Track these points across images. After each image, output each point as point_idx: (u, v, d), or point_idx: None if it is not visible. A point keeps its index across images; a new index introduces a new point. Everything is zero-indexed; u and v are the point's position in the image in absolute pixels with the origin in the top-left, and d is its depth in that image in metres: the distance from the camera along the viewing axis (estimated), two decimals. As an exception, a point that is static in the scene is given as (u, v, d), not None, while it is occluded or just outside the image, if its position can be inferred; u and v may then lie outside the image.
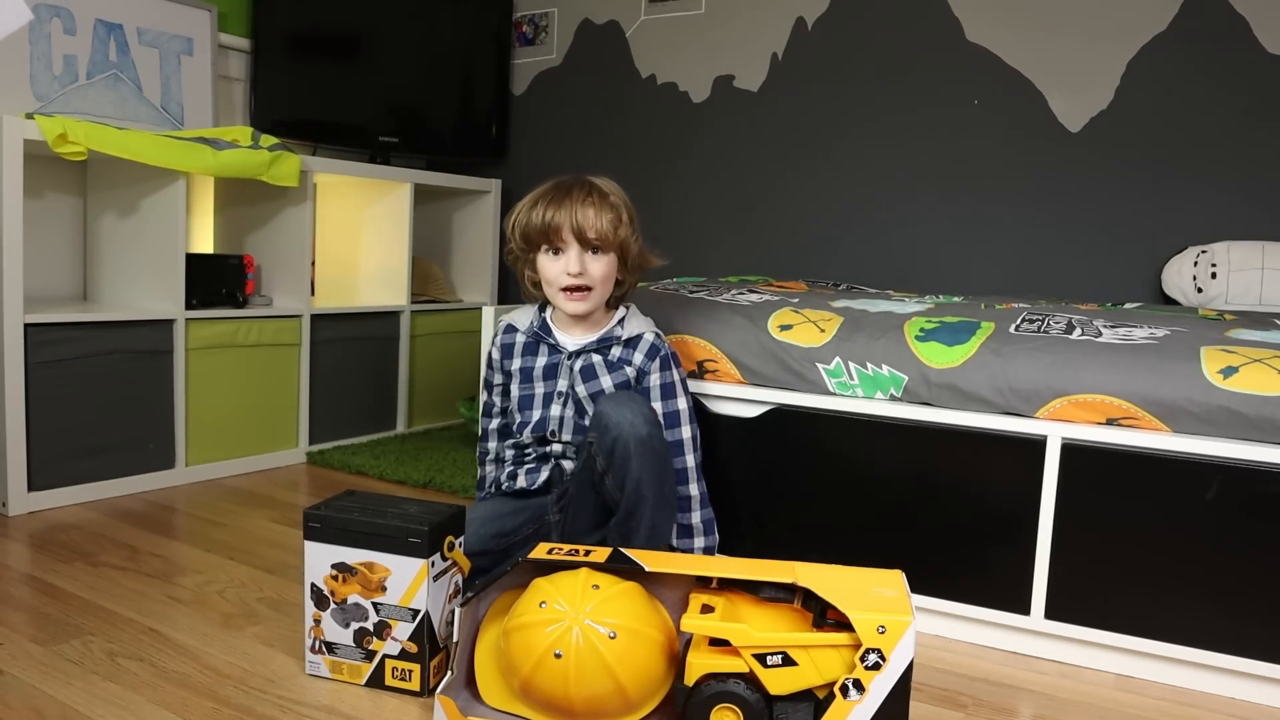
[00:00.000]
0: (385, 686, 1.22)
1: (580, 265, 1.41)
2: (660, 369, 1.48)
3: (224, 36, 2.60)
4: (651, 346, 1.48)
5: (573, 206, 1.40)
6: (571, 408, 1.47)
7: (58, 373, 1.94)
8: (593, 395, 1.46)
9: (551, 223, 1.41)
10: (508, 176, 3.15)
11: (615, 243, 1.43)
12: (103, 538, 1.78)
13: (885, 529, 1.50)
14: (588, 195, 1.42)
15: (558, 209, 1.41)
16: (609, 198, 1.43)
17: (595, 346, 1.48)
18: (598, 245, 1.42)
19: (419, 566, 1.18)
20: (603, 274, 1.43)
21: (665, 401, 1.48)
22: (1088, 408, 1.38)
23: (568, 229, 1.40)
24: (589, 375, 1.47)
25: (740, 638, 1.05)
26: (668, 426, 1.46)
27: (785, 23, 2.65)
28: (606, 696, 1.07)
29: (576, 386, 1.47)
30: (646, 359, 1.48)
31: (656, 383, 1.48)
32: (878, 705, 1.02)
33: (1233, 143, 2.10)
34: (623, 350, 1.48)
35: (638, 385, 1.47)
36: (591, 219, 1.40)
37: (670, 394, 1.48)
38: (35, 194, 2.17)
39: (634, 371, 1.47)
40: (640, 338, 1.49)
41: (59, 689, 1.18)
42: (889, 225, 2.53)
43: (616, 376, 1.47)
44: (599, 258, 1.43)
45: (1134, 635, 1.35)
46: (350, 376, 2.60)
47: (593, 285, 1.43)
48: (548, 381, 1.49)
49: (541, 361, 1.51)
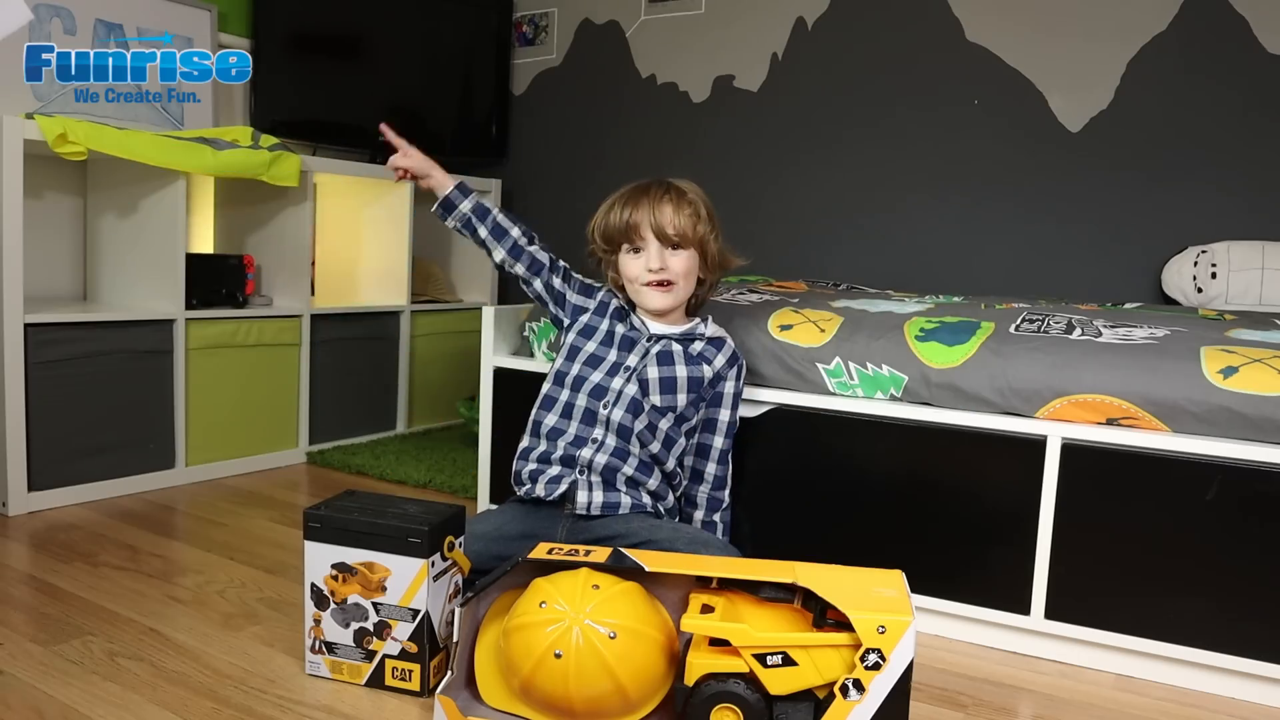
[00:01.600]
0: (385, 686, 1.22)
1: (661, 260, 1.42)
2: (737, 377, 1.50)
3: (224, 36, 2.60)
4: (734, 353, 1.50)
5: (651, 204, 1.42)
6: (635, 385, 1.44)
7: (58, 373, 1.94)
8: (664, 379, 1.44)
9: (630, 221, 1.43)
10: (508, 176, 3.15)
11: (695, 239, 1.44)
12: (103, 538, 1.78)
13: (885, 529, 1.50)
14: (665, 193, 1.44)
15: (635, 207, 1.43)
16: (686, 195, 1.45)
17: (678, 336, 1.48)
18: (677, 241, 1.43)
19: (419, 566, 1.18)
20: (684, 269, 1.44)
21: (733, 410, 1.51)
22: (1088, 408, 1.38)
23: (646, 226, 1.42)
24: (665, 360, 1.46)
25: (740, 638, 1.05)
26: (725, 434, 1.51)
27: (785, 23, 2.65)
28: (606, 696, 1.07)
29: (649, 367, 1.45)
30: (728, 365, 1.49)
31: (732, 390, 1.50)
32: (878, 705, 1.02)
33: (1233, 143, 2.10)
34: (705, 346, 1.48)
35: (712, 387, 1.48)
36: (670, 215, 1.42)
37: (737, 404, 1.52)
38: (35, 194, 2.17)
39: (711, 372, 1.47)
40: (724, 341, 1.50)
41: (59, 689, 1.18)
42: (889, 225, 2.53)
43: (693, 369, 1.46)
44: (679, 253, 1.44)
45: (1134, 635, 1.35)
46: (350, 376, 2.60)
47: (675, 280, 1.44)
48: (620, 352, 1.47)
49: (621, 330, 1.49)
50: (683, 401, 1.45)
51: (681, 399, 1.45)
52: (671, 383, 1.44)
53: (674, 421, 1.45)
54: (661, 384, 1.44)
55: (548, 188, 3.10)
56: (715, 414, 1.50)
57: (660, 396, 1.44)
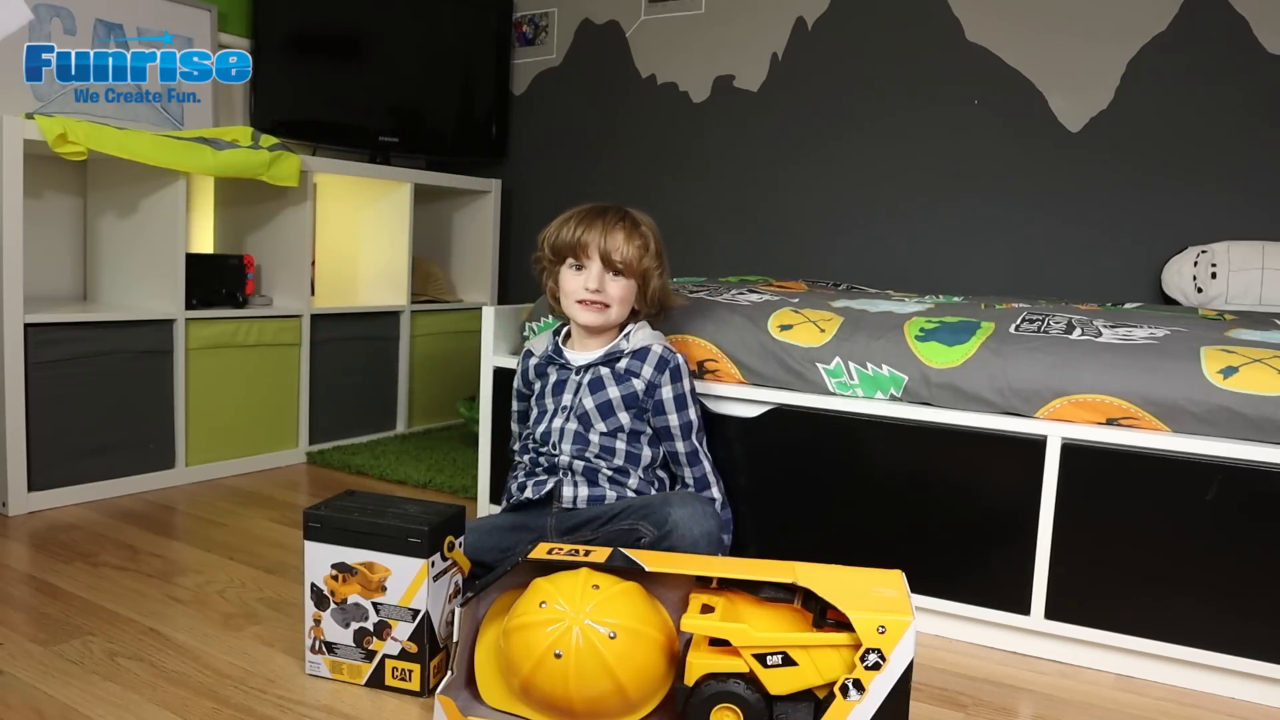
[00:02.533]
0: (385, 686, 1.22)
1: (600, 283, 1.45)
2: (671, 380, 1.49)
3: (224, 36, 2.60)
4: (660, 359, 1.49)
5: (604, 228, 1.46)
6: (575, 421, 1.48)
7: (58, 373, 1.94)
8: (599, 406, 1.48)
9: (580, 239, 1.46)
10: (508, 176, 3.15)
11: (638, 270, 1.47)
12: (103, 538, 1.78)
13: (885, 529, 1.50)
14: (620, 220, 1.48)
15: (589, 228, 1.46)
16: (640, 227, 1.49)
17: (602, 360, 1.50)
18: (620, 269, 1.46)
19: (419, 566, 1.18)
20: (620, 295, 1.47)
21: (679, 413, 1.50)
22: (1088, 408, 1.38)
23: (595, 247, 1.46)
24: (596, 387, 1.49)
25: (741, 638, 1.05)
26: (682, 437, 1.50)
27: (785, 23, 2.64)
28: (606, 696, 1.07)
29: (584, 399, 1.48)
30: (656, 372, 1.48)
31: (669, 395, 1.49)
32: (878, 705, 1.02)
33: (1233, 143, 2.10)
34: (629, 362, 1.49)
35: (649, 398, 1.48)
36: (619, 242, 1.46)
37: (682, 405, 1.50)
38: (35, 194, 2.17)
39: (643, 384, 1.48)
40: (648, 350, 1.50)
41: (59, 689, 1.18)
42: (889, 225, 2.53)
43: (624, 388, 1.48)
44: (619, 280, 1.47)
45: (1134, 635, 1.35)
46: (350, 376, 2.60)
47: (610, 304, 1.47)
48: (556, 397, 1.52)
49: (552, 379, 1.54)
50: (626, 420, 1.48)
51: (624, 417, 1.48)
52: (608, 405, 1.48)
53: (627, 439, 1.48)
54: (600, 410, 1.48)
55: (547, 188, 3.10)
56: (664, 421, 1.50)
57: (603, 422, 1.48)
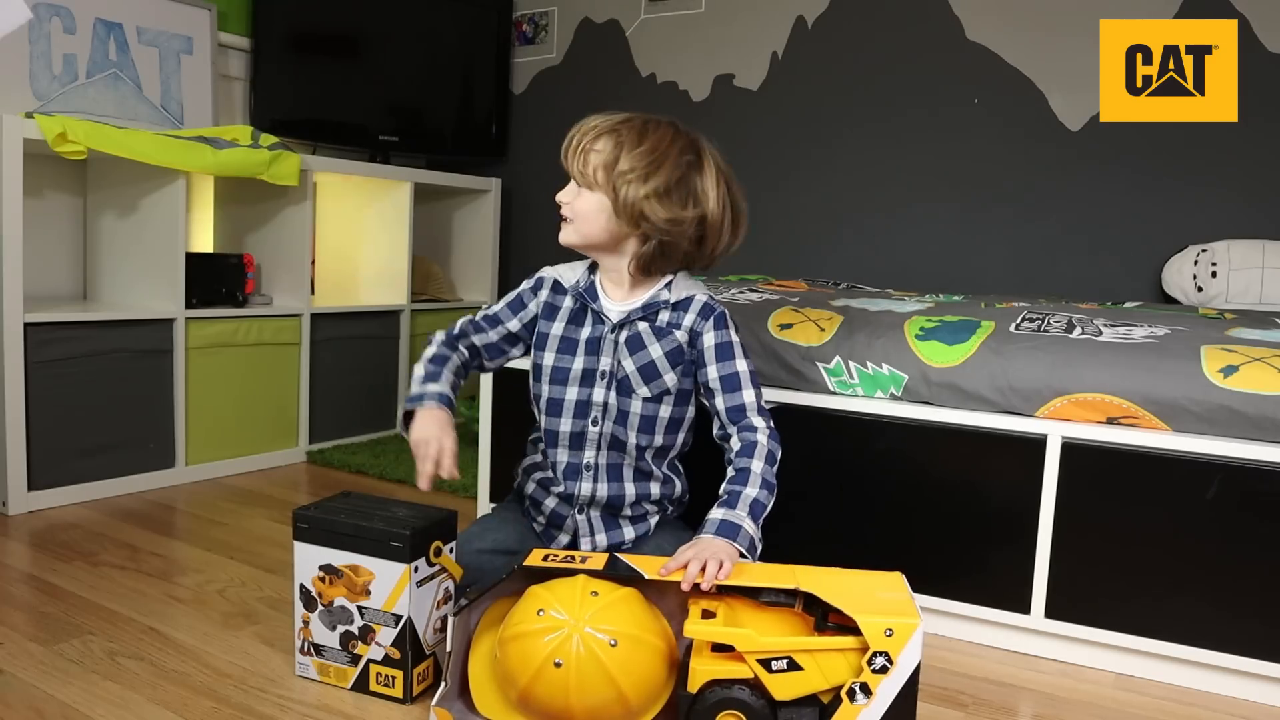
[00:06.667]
0: (369, 691, 1.20)
1: (570, 195, 1.29)
2: (715, 327, 1.32)
3: (224, 35, 2.60)
4: (705, 306, 1.33)
5: (583, 134, 1.27)
6: (615, 391, 1.32)
7: (58, 372, 1.94)
8: (642, 368, 1.31)
9: (565, 145, 1.29)
10: (508, 176, 3.15)
11: (605, 183, 1.24)
12: (103, 537, 1.78)
13: (885, 529, 1.50)
14: (615, 127, 1.26)
15: (578, 128, 1.28)
16: (620, 134, 1.25)
17: (641, 314, 1.32)
18: (580, 180, 1.27)
19: (401, 571, 1.15)
20: (583, 210, 1.28)
21: (721, 364, 1.31)
22: (1088, 407, 1.38)
23: (569, 154, 1.28)
24: (635, 346, 1.32)
25: (746, 643, 1.04)
26: (727, 390, 1.31)
27: (785, 22, 2.64)
28: (608, 705, 1.05)
29: (623, 360, 1.32)
30: (699, 318, 1.32)
31: (711, 343, 1.31)
32: (885, 709, 1.01)
33: (1233, 143, 2.10)
34: (671, 314, 1.32)
35: (691, 348, 1.32)
36: (586, 147, 1.26)
37: (728, 354, 1.31)
38: (35, 194, 2.16)
39: (685, 335, 1.32)
40: (691, 299, 1.33)
41: (59, 688, 1.18)
42: (889, 224, 2.53)
43: (666, 343, 1.31)
44: (583, 193, 1.28)
45: (1134, 635, 1.35)
46: (350, 376, 2.60)
47: (569, 217, 1.30)
48: (588, 357, 1.33)
49: (585, 333, 1.35)
50: (671, 380, 1.32)
51: (670, 378, 1.32)
52: (651, 367, 1.31)
53: (674, 403, 1.33)
54: (642, 373, 1.31)
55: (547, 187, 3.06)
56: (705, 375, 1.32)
57: (647, 386, 1.31)
